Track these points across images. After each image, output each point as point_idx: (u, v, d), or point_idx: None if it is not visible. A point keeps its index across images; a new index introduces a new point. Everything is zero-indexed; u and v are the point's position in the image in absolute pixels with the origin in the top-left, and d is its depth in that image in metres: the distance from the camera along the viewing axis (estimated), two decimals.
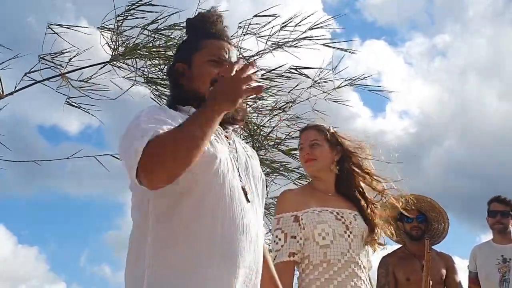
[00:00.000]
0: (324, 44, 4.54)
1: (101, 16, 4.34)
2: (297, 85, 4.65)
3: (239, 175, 1.72)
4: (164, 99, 4.51)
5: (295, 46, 4.53)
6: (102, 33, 4.35)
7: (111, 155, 4.44)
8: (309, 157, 2.65)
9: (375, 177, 2.68)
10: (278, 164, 4.84)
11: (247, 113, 2.02)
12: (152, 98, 4.51)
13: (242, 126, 1.97)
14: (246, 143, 1.97)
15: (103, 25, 4.36)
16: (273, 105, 4.74)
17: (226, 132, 1.80)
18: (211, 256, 1.58)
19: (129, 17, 4.34)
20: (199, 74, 1.75)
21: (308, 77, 4.62)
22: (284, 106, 4.71)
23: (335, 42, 4.59)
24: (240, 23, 4.45)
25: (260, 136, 4.71)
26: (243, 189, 1.69)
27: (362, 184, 2.66)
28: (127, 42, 4.37)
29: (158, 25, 4.35)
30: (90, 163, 4.15)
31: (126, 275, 1.65)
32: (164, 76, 4.40)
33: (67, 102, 4.44)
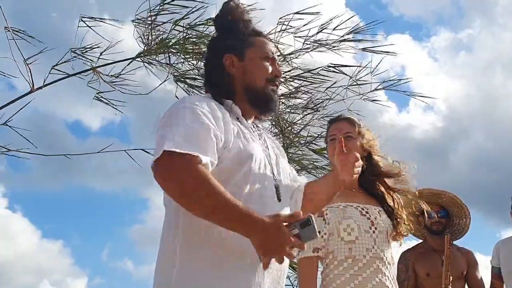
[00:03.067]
0: (363, 49, 4.57)
1: (124, 13, 4.32)
2: (334, 83, 4.63)
3: (273, 173, 1.68)
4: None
5: (333, 49, 4.54)
6: (136, 26, 4.31)
7: (142, 149, 4.38)
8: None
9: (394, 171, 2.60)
10: (307, 162, 4.77)
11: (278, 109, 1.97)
12: (176, 97, 4.40)
13: (269, 119, 1.97)
14: (276, 139, 1.99)
15: (137, 17, 4.30)
16: (305, 103, 4.69)
17: (258, 130, 1.78)
18: (237, 256, 1.55)
19: (162, 12, 4.27)
20: (256, 68, 1.74)
21: (347, 74, 4.60)
22: (318, 106, 4.66)
23: (375, 47, 4.61)
24: (280, 18, 4.45)
25: (291, 134, 4.64)
26: (276, 188, 1.66)
27: (388, 180, 2.60)
28: (161, 37, 4.32)
29: (192, 21, 4.31)
30: (115, 158, 4.20)
31: (157, 265, 1.64)
32: (197, 74, 4.38)
33: (96, 97, 4.37)
